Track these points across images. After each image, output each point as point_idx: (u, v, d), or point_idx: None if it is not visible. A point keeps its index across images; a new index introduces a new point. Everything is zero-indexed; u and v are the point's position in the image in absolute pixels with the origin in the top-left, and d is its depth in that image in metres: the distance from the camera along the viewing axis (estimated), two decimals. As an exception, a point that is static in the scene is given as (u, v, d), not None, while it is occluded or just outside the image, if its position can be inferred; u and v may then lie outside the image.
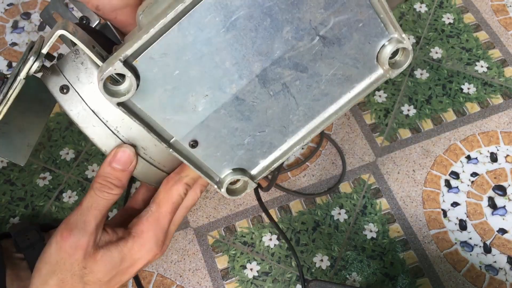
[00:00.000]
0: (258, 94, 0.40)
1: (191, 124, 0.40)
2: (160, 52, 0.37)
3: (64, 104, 0.44)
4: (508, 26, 1.06)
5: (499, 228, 0.85)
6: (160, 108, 0.39)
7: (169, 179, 0.47)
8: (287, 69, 0.40)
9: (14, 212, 0.88)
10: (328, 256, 0.84)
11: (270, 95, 0.41)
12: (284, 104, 0.41)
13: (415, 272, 0.82)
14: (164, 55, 0.37)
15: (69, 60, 0.45)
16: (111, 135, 0.44)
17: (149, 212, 0.48)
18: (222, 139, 0.42)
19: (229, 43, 0.38)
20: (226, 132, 0.42)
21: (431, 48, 1.04)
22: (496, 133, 0.94)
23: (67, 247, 0.45)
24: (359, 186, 0.89)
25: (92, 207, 0.45)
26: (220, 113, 0.40)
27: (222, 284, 0.82)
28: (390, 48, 0.41)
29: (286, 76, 0.40)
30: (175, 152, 0.42)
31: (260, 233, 0.86)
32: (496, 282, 0.81)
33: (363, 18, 0.39)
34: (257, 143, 0.43)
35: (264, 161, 0.45)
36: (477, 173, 0.90)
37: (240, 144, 0.43)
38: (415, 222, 0.86)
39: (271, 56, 0.39)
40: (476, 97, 0.98)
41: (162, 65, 0.37)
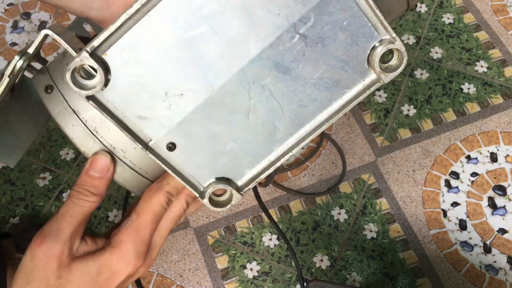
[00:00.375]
0: (237, 96, 0.38)
1: (167, 124, 0.38)
2: (131, 45, 0.36)
3: (47, 103, 0.44)
4: (508, 26, 1.06)
5: (499, 228, 0.85)
6: (133, 105, 0.38)
7: (150, 188, 0.45)
8: (267, 69, 0.37)
9: (14, 212, 0.88)
10: (328, 256, 0.84)
11: (251, 97, 0.38)
12: (268, 108, 0.38)
13: (415, 272, 0.82)
14: (135, 49, 0.36)
15: (57, 62, 0.45)
16: (90, 136, 0.44)
17: (128, 221, 0.46)
18: (202, 144, 0.40)
19: (203, 38, 0.36)
20: (205, 136, 0.39)
21: (431, 48, 1.04)
22: (496, 133, 0.94)
23: (40, 254, 0.43)
24: (359, 186, 0.89)
25: (67, 214, 0.44)
26: (197, 114, 0.38)
27: (222, 284, 0.82)
28: (380, 49, 0.37)
29: (266, 76, 0.37)
30: (151, 154, 0.40)
31: (260, 233, 0.86)
32: (496, 282, 0.81)
33: (347, 16, 0.36)
34: (242, 151, 0.40)
35: (250, 172, 0.42)
36: (477, 173, 0.90)
37: (222, 150, 0.40)
38: (415, 222, 0.86)
39: (248, 54, 0.36)
40: (476, 97, 0.98)
41: (133, 60, 0.36)
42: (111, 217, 0.88)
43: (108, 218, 0.87)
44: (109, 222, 0.87)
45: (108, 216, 0.88)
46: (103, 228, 0.87)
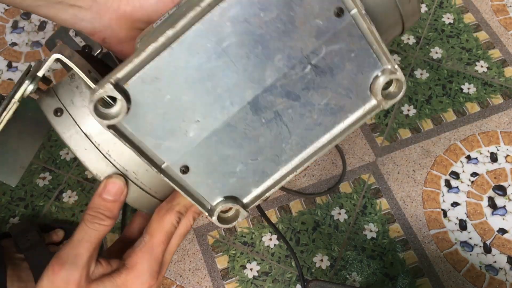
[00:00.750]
0: (250, 121, 0.40)
1: (182, 149, 0.40)
2: (152, 76, 0.37)
3: (58, 126, 0.44)
4: (508, 26, 1.06)
5: (499, 228, 0.85)
6: (151, 132, 0.39)
7: (161, 208, 0.47)
8: (279, 97, 0.40)
9: (14, 212, 0.88)
10: (328, 256, 0.84)
11: (262, 123, 0.40)
12: (277, 132, 0.41)
13: (415, 272, 0.82)
14: (155, 79, 0.37)
15: (64, 84, 0.45)
16: (103, 159, 0.44)
17: (142, 242, 0.47)
18: (214, 166, 0.41)
19: (221, 69, 0.38)
20: (218, 159, 0.41)
21: (431, 48, 1.04)
22: (496, 133, 0.94)
23: (59, 281, 0.43)
24: (359, 186, 0.89)
25: (84, 239, 0.44)
26: (212, 139, 0.40)
27: (222, 284, 0.82)
28: (383, 79, 0.40)
29: (278, 104, 0.40)
30: (166, 177, 0.41)
31: (260, 233, 0.86)
32: (496, 282, 0.81)
33: (355, 48, 0.39)
34: (250, 171, 0.42)
35: (256, 190, 0.44)
36: (477, 173, 0.90)
37: (232, 171, 0.42)
38: (415, 222, 0.86)
39: (263, 83, 0.39)
40: (476, 97, 0.98)
41: (153, 89, 0.37)
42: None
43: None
44: (109, 222, 0.87)
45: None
46: (103, 228, 0.87)
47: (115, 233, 0.86)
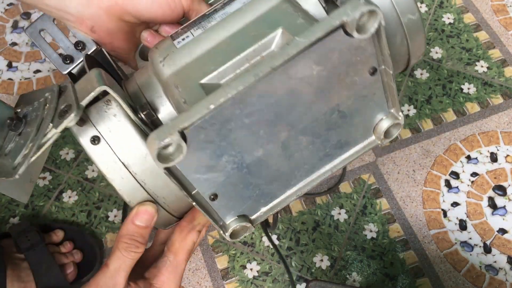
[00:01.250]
0: (276, 156, 0.44)
1: (217, 181, 0.43)
2: (210, 122, 0.39)
3: (94, 155, 0.44)
4: (508, 26, 1.06)
5: (499, 228, 0.86)
6: (195, 169, 0.41)
7: (183, 228, 0.49)
8: (306, 136, 0.44)
9: (14, 212, 0.88)
10: (328, 256, 0.84)
11: (286, 156, 0.45)
12: (296, 163, 0.46)
13: (415, 272, 0.82)
14: (212, 124, 0.39)
15: (100, 110, 0.44)
16: (138, 188, 0.45)
17: (167, 262, 0.49)
18: (238, 193, 0.45)
19: (269, 116, 0.41)
20: (242, 187, 0.45)
21: (431, 48, 1.04)
22: (496, 133, 0.94)
23: None
24: (359, 186, 0.89)
25: (121, 268, 0.46)
26: (243, 171, 0.44)
27: (222, 284, 0.82)
28: (387, 123, 0.45)
29: (304, 142, 0.44)
30: (196, 203, 0.43)
31: (260, 233, 0.86)
32: (496, 282, 0.82)
33: (375, 98, 0.44)
34: (264, 194, 0.46)
35: (264, 208, 0.48)
36: (477, 173, 0.90)
37: (251, 196, 0.46)
38: (415, 222, 0.86)
39: (297, 126, 0.43)
40: (476, 97, 0.98)
41: (208, 133, 0.39)
42: (111, 217, 0.88)
43: (108, 218, 0.87)
44: (109, 222, 0.87)
45: (108, 216, 0.88)
46: (103, 228, 0.87)
47: (115, 233, 0.86)
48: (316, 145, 0.46)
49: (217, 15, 0.46)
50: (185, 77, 0.43)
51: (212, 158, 0.41)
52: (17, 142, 0.43)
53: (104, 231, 0.87)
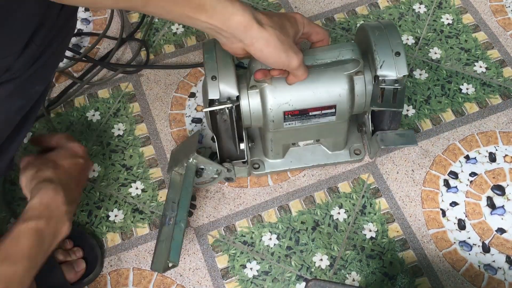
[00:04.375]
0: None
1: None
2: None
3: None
4: (507, 27, 1.07)
5: (497, 227, 0.86)
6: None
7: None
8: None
9: (15, 212, 0.89)
10: (328, 255, 0.84)
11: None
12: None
13: (414, 272, 0.83)
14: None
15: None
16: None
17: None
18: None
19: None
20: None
21: (430, 48, 1.04)
22: (495, 133, 0.94)
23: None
24: (359, 186, 0.90)
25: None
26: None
27: (222, 284, 0.82)
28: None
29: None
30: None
31: (260, 232, 0.86)
32: (495, 281, 0.82)
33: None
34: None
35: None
36: (475, 173, 0.91)
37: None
38: (414, 221, 0.87)
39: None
40: (475, 97, 0.98)
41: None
42: (111, 216, 0.88)
43: (108, 217, 0.88)
44: (109, 221, 0.88)
45: (109, 216, 0.88)
46: (103, 227, 0.87)
47: (115, 233, 0.87)
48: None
49: (311, 122, 0.80)
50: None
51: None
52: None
53: (105, 231, 0.87)
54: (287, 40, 0.64)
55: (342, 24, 1.07)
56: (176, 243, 0.74)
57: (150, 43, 1.06)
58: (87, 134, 0.96)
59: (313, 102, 0.77)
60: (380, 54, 0.75)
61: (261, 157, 0.90)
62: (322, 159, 0.89)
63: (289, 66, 0.66)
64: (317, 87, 0.76)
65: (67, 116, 0.98)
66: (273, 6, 1.10)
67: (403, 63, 0.75)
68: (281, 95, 0.76)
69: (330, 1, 1.10)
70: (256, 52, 0.63)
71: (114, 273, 0.84)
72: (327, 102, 0.77)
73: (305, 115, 0.78)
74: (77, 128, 0.97)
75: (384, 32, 0.77)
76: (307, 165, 0.89)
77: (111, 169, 0.92)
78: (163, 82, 1.01)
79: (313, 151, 0.90)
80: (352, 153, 0.90)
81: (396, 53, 0.75)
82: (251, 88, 0.76)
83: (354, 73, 0.76)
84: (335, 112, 0.78)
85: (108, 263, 0.84)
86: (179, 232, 0.76)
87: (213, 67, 0.75)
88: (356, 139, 0.91)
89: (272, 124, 0.79)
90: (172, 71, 1.03)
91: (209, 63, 0.76)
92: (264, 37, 0.61)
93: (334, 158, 0.90)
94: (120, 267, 0.84)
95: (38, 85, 0.66)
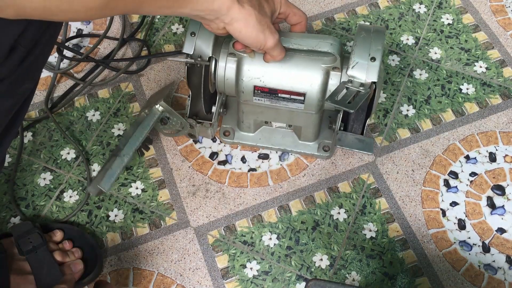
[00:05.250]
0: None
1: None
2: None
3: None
4: (507, 27, 1.07)
5: (498, 227, 0.86)
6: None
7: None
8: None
9: (15, 212, 0.89)
10: (328, 255, 0.84)
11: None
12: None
13: (414, 271, 0.83)
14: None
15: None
16: None
17: None
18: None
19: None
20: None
21: (430, 48, 1.04)
22: (495, 133, 0.94)
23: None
24: (359, 186, 0.90)
25: None
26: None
27: (222, 283, 0.82)
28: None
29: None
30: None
31: (260, 232, 0.86)
32: (495, 281, 0.82)
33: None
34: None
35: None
36: (476, 173, 0.91)
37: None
38: (414, 221, 0.87)
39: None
40: (475, 97, 0.98)
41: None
42: (111, 216, 0.88)
43: (108, 217, 0.88)
44: (109, 221, 0.88)
45: (109, 216, 0.88)
46: (103, 227, 0.87)
47: (115, 233, 0.87)
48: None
49: (280, 104, 0.82)
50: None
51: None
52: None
53: (105, 231, 0.87)
54: (264, 20, 0.65)
55: (342, 24, 1.08)
56: (111, 172, 0.79)
57: (150, 43, 1.06)
58: (87, 134, 0.96)
59: (283, 84, 0.78)
60: (356, 55, 0.75)
61: (233, 126, 0.93)
62: (290, 145, 0.91)
63: (265, 46, 0.68)
64: (291, 71, 0.77)
65: (67, 116, 0.98)
66: (273, 6, 1.10)
67: (375, 70, 0.74)
68: (255, 69, 0.78)
69: (330, 1, 1.10)
70: (235, 32, 0.65)
71: (114, 273, 0.84)
72: (298, 89, 0.78)
73: (274, 95, 0.80)
74: (77, 128, 0.97)
75: (370, 36, 0.77)
76: (274, 146, 0.92)
77: (111, 169, 0.92)
78: (163, 82, 1.01)
79: (283, 135, 0.92)
80: (321, 148, 0.91)
81: (372, 58, 0.75)
82: (229, 55, 0.79)
83: (331, 68, 0.77)
84: (304, 100, 0.79)
85: (108, 263, 0.84)
86: (119, 164, 0.80)
87: (195, 25, 0.78)
88: (329, 136, 0.92)
89: (242, 95, 0.81)
90: (172, 71, 1.03)
91: (193, 22, 0.78)
92: (243, 17, 0.63)
93: (302, 148, 0.91)
94: (120, 267, 0.84)
95: (26, 84, 0.65)
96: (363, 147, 0.81)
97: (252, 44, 0.67)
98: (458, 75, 1.01)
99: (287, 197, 0.89)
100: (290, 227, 0.86)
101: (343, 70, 0.78)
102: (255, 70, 0.78)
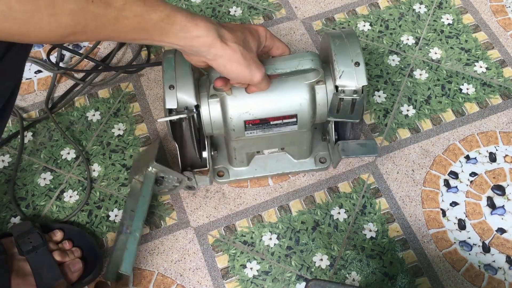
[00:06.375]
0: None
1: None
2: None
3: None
4: (507, 27, 1.07)
5: (498, 227, 0.86)
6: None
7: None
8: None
9: (15, 212, 0.89)
10: (328, 255, 0.84)
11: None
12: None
13: (414, 272, 0.83)
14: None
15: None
16: None
17: None
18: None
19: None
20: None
21: (430, 48, 1.04)
22: (495, 133, 0.94)
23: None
24: (359, 186, 0.90)
25: None
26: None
27: (222, 283, 0.82)
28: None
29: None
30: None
31: (260, 232, 0.86)
32: (495, 281, 0.82)
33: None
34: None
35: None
36: (476, 173, 0.91)
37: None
38: (414, 221, 0.87)
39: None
40: (475, 97, 0.98)
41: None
42: (111, 216, 0.88)
43: (108, 217, 0.88)
44: (109, 221, 0.88)
45: (109, 216, 0.88)
46: (103, 227, 0.87)
47: (115, 233, 0.87)
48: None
49: (273, 131, 0.79)
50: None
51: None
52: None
53: (105, 231, 0.87)
54: (249, 55, 0.64)
55: (342, 24, 1.08)
56: (129, 253, 0.75)
57: (150, 43, 1.06)
58: (87, 134, 0.96)
59: (273, 111, 0.76)
60: (340, 64, 0.74)
61: (225, 165, 0.89)
62: (287, 167, 0.89)
63: (252, 80, 0.66)
64: (278, 96, 0.75)
65: (67, 116, 0.98)
66: (273, 6, 1.10)
67: (363, 74, 0.74)
68: (241, 104, 0.75)
69: (330, 1, 1.10)
70: (219, 67, 0.63)
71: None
72: (288, 112, 0.76)
73: (266, 124, 0.78)
74: (77, 128, 0.97)
75: (345, 42, 0.76)
76: (271, 173, 0.89)
77: (111, 169, 0.92)
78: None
79: (278, 159, 0.90)
80: (318, 161, 0.90)
81: (356, 63, 0.74)
82: (211, 97, 0.76)
83: (315, 83, 0.76)
84: (297, 121, 0.78)
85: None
86: (133, 241, 0.77)
87: (171, 77, 0.75)
88: (322, 148, 0.90)
89: (233, 133, 0.78)
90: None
91: (167, 72, 0.75)
92: (227, 54, 0.61)
93: (299, 166, 0.89)
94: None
95: (8, 81, 0.64)
96: (367, 151, 0.80)
97: (237, 78, 0.66)
98: (458, 75, 1.01)
99: (287, 197, 0.89)
100: (290, 227, 0.86)
101: (327, 81, 0.77)
102: (241, 105, 0.75)
